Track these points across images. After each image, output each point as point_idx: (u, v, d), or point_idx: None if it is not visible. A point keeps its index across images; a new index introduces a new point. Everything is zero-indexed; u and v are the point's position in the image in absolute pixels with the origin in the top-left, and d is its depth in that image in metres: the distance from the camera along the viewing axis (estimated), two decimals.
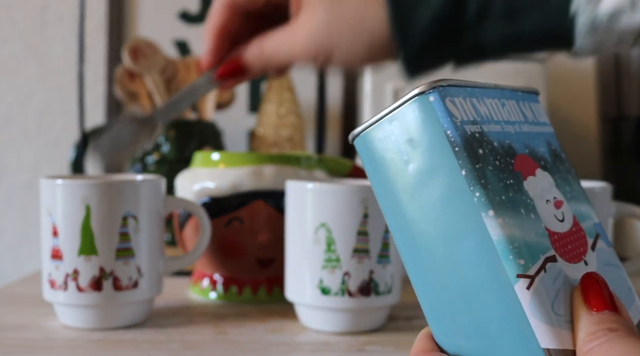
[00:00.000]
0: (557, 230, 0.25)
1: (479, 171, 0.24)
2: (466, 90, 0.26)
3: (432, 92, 0.25)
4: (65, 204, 0.45)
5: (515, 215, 0.24)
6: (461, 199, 0.24)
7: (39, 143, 0.92)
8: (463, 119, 0.25)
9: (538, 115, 0.29)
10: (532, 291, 0.23)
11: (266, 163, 0.54)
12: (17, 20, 0.91)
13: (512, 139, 0.26)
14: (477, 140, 0.25)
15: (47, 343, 0.43)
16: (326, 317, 0.46)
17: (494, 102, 0.27)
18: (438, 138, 0.25)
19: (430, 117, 0.25)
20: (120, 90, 0.78)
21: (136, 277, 0.46)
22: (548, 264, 0.24)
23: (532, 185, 0.26)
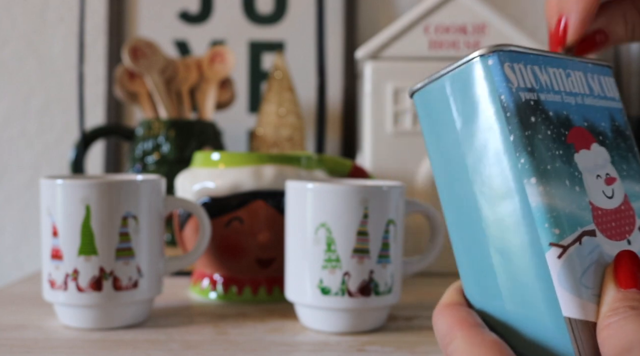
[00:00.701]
0: (603, 206, 0.26)
1: (527, 138, 0.25)
2: (529, 57, 0.26)
3: (491, 56, 0.26)
4: (65, 204, 0.45)
5: (559, 185, 0.25)
6: (507, 163, 0.25)
7: (39, 143, 0.92)
8: (519, 86, 0.25)
9: (607, 89, 0.29)
10: (563, 261, 0.24)
11: (266, 163, 0.54)
12: (17, 20, 0.91)
13: (571, 110, 0.27)
14: (530, 108, 0.25)
15: (47, 343, 0.43)
16: (326, 317, 0.46)
17: (558, 72, 0.27)
18: (492, 101, 0.25)
19: (487, 80, 0.26)
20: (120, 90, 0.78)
21: (136, 277, 0.46)
22: (584, 238, 0.24)
23: (584, 158, 0.26)
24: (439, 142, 0.27)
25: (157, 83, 0.76)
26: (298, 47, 0.89)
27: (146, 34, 0.88)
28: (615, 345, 0.22)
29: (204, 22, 0.90)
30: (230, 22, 0.90)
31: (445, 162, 0.27)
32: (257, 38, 0.90)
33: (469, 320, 0.25)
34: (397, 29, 0.67)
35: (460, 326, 0.25)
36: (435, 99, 0.27)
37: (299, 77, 0.86)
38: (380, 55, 0.67)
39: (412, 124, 0.67)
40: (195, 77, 0.79)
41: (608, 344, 0.22)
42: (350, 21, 0.89)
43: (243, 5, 0.90)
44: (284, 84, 0.79)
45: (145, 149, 0.73)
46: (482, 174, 0.26)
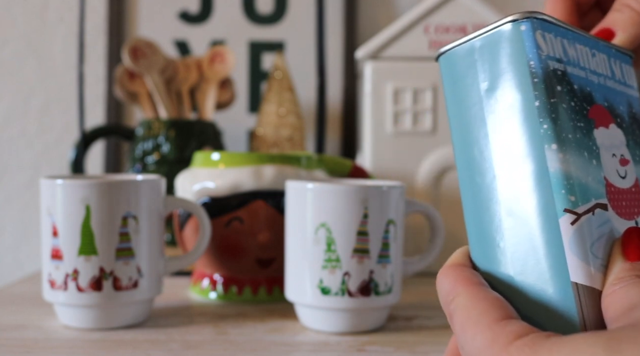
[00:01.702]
0: (616, 184, 0.26)
1: (552, 105, 0.25)
2: (559, 29, 0.27)
3: (525, 22, 0.26)
4: (65, 204, 0.45)
5: (578, 155, 0.25)
6: (529, 128, 0.25)
7: (38, 143, 0.92)
8: (549, 54, 0.26)
9: (627, 76, 0.30)
10: (576, 228, 0.24)
11: (266, 163, 0.54)
12: (17, 20, 0.91)
13: (593, 88, 0.27)
14: (557, 77, 0.26)
15: (47, 343, 0.43)
16: (326, 317, 0.46)
17: (584, 50, 0.28)
18: (520, 66, 0.26)
19: (518, 45, 0.26)
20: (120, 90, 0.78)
21: (136, 277, 0.46)
22: (597, 209, 0.25)
23: (602, 135, 0.27)
24: (460, 105, 0.28)
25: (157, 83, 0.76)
26: (298, 47, 0.89)
27: (146, 34, 0.88)
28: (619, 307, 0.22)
29: (204, 22, 0.90)
30: (230, 22, 0.90)
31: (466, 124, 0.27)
32: (257, 38, 0.90)
33: (473, 279, 0.25)
34: (397, 29, 0.67)
35: (464, 284, 0.25)
36: (462, 61, 0.28)
37: (299, 77, 0.86)
38: (380, 56, 0.67)
39: (412, 124, 0.67)
40: (195, 77, 0.79)
41: (612, 307, 0.23)
42: (350, 21, 0.89)
43: (243, 5, 0.90)
44: (284, 84, 0.79)
45: (145, 149, 0.73)
46: (502, 137, 0.26)
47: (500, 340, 0.22)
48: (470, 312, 0.24)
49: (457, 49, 0.28)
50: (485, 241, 0.27)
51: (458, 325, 0.24)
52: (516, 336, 0.22)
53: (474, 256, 0.27)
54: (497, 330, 0.22)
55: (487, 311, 0.23)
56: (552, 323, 0.24)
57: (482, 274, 0.26)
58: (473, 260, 0.27)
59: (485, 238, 0.27)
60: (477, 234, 0.27)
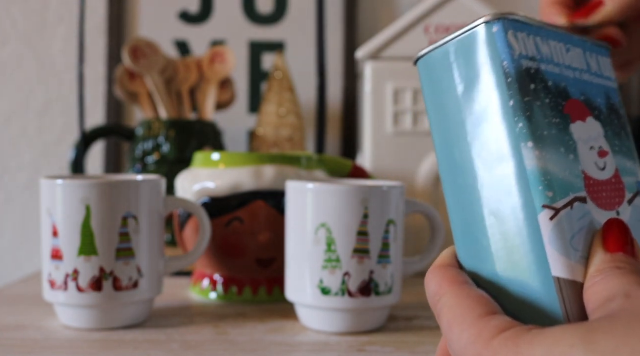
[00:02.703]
0: (594, 176, 0.27)
1: (526, 103, 0.26)
2: (532, 28, 0.27)
3: (496, 23, 0.26)
4: (65, 204, 0.45)
5: (554, 151, 0.25)
6: (506, 127, 0.26)
7: (38, 143, 0.92)
8: (521, 53, 0.26)
9: (603, 68, 0.30)
10: (554, 222, 0.24)
11: (266, 163, 0.54)
12: (17, 20, 0.91)
13: (568, 83, 0.28)
14: (531, 75, 0.26)
15: (47, 343, 0.43)
16: (326, 317, 0.45)
17: (558, 46, 0.28)
18: (494, 67, 0.26)
19: (490, 46, 0.26)
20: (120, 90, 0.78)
21: (136, 277, 0.46)
22: (576, 203, 0.25)
23: (579, 129, 0.27)
24: (439, 109, 0.28)
25: (157, 83, 0.76)
26: (298, 47, 0.89)
27: (146, 34, 0.88)
28: (599, 298, 0.23)
29: (204, 22, 0.90)
30: (230, 22, 0.90)
31: (445, 127, 0.28)
32: (257, 38, 0.90)
33: (458, 278, 0.26)
34: (397, 29, 0.67)
35: (449, 283, 0.26)
36: (439, 65, 0.28)
37: (299, 77, 0.86)
38: (380, 55, 0.67)
39: (412, 124, 0.67)
40: (195, 77, 0.79)
41: (592, 299, 0.23)
42: (350, 21, 0.89)
43: (243, 5, 0.90)
44: (284, 84, 0.79)
45: (145, 149, 0.73)
46: (480, 137, 0.26)
47: (484, 334, 0.23)
48: (455, 310, 0.24)
49: (433, 53, 0.28)
50: (469, 240, 0.27)
51: (445, 324, 0.25)
52: (499, 331, 0.22)
53: (460, 255, 0.28)
54: (481, 325, 0.23)
55: (471, 308, 0.24)
56: (536, 318, 0.24)
57: (468, 273, 0.27)
58: (459, 260, 0.28)
59: (470, 238, 0.27)
60: (462, 234, 0.28)
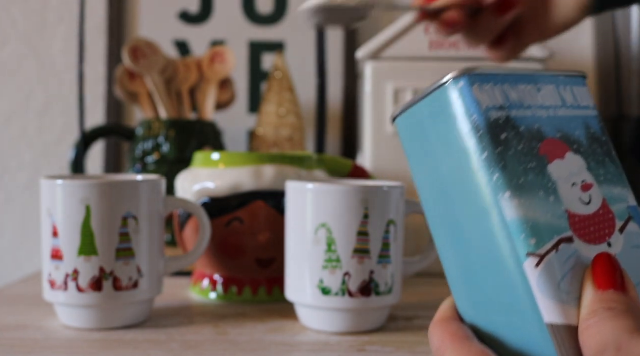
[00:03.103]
0: (580, 212, 0.27)
1: (499, 154, 0.26)
2: (498, 77, 0.28)
3: (461, 79, 0.27)
4: (65, 204, 0.45)
5: (533, 197, 0.26)
6: (483, 180, 0.26)
7: (38, 143, 0.92)
8: (489, 105, 0.27)
9: (580, 98, 0.30)
10: (541, 269, 0.25)
11: (266, 163, 0.54)
12: (17, 20, 0.91)
13: (543, 123, 0.28)
14: (501, 125, 0.27)
15: (46, 343, 0.43)
16: (326, 317, 0.45)
17: (528, 88, 0.29)
18: (464, 122, 0.27)
19: (458, 102, 0.27)
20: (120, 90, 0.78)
21: (136, 277, 0.46)
22: (561, 245, 0.26)
23: (558, 168, 0.27)
24: (421, 165, 0.29)
25: (157, 83, 0.76)
26: (298, 47, 0.89)
27: (146, 33, 0.88)
28: (592, 347, 0.23)
29: (203, 22, 0.90)
30: (230, 22, 0.90)
31: (429, 184, 0.29)
32: (257, 38, 0.90)
33: (459, 334, 0.27)
34: (397, 29, 0.67)
35: (451, 339, 0.26)
36: (413, 123, 0.29)
37: (299, 77, 0.86)
38: (380, 55, 0.67)
39: None
40: (195, 77, 0.79)
41: (587, 346, 0.23)
42: None
43: (243, 5, 0.90)
44: (284, 84, 0.79)
45: (145, 149, 0.73)
46: (462, 192, 0.27)
47: None
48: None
49: (407, 112, 0.29)
50: (467, 292, 0.28)
51: None
52: None
53: (459, 308, 0.28)
54: None
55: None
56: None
57: (468, 325, 0.28)
58: (459, 311, 0.28)
59: (467, 290, 0.28)
60: (459, 287, 0.28)
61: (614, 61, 0.80)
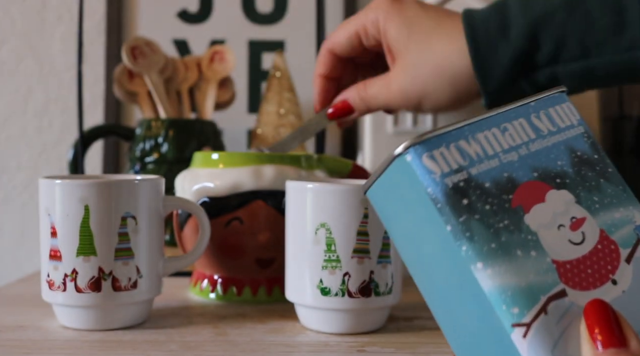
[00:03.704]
0: (571, 257, 0.25)
1: (464, 224, 0.24)
2: (450, 135, 0.26)
3: (408, 152, 0.25)
4: (64, 204, 0.44)
5: (509, 260, 0.24)
6: (451, 253, 0.24)
7: (37, 143, 0.92)
8: (444, 172, 0.25)
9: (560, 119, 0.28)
10: (529, 339, 0.23)
11: (266, 163, 0.53)
12: (16, 20, 0.91)
13: (514, 168, 0.26)
14: (461, 190, 0.25)
15: (45, 344, 0.43)
16: (326, 318, 0.45)
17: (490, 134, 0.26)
18: (420, 196, 0.25)
19: (410, 176, 0.25)
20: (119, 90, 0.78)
21: (135, 277, 0.46)
22: (551, 304, 0.23)
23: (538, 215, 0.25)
24: (393, 236, 0.28)
25: (157, 83, 0.76)
26: (298, 46, 0.89)
27: (145, 33, 0.88)
28: None
29: (203, 22, 0.90)
30: (230, 21, 0.90)
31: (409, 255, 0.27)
32: (256, 37, 0.90)
33: None
34: None
35: None
36: (380, 198, 0.28)
37: (299, 76, 0.85)
38: None
39: (412, 124, 0.66)
40: (194, 76, 0.79)
41: None
42: None
43: (242, 4, 0.90)
44: (283, 84, 0.79)
45: (144, 149, 0.73)
46: (439, 265, 0.25)
47: None
48: None
49: (372, 188, 0.28)
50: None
51: None
52: None
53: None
54: None
55: None
56: None
57: None
58: None
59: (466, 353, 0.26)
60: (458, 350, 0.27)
61: None
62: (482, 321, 0.24)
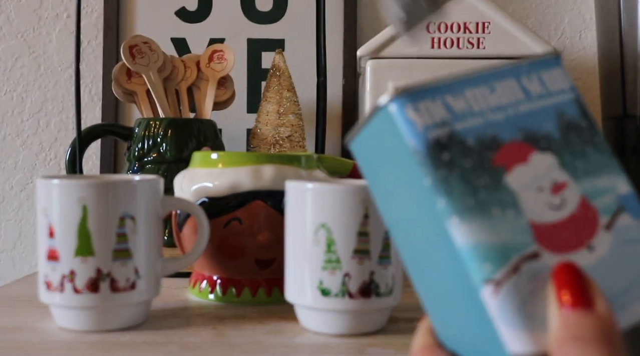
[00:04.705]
0: (548, 220, 0.25)
1: (443, 178, 0.24)
2: (437, 89, 0.25)
3: (392, 103, 0.25)
4: (61, 204, 0.44)
5: (485, 217, 0.24)
6: (428, 207, 0.24)
7: (34, 142, 0.91)
8: (427, 124, 0.25)
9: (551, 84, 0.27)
10: (499, 296, 0.23)
11: (265, 163, 0.53)
12: (13, 18, 0.91)
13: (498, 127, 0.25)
14: (443, 144, 0.24)
15: (43, 346, 0.42)
16: (326, 319, 0.45)
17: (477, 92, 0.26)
18: (401, 148, 0.25)
19: (393, 127, 0.25)
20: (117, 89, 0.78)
21: (134, 278, 0.45)
22: (524, 264, 0.23)
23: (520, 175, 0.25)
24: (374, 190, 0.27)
25: (155, 81, 0.76)
26: (298, 45, 0.89)
27: (144, 32, 0.88)
28: None
29: (202, 20, 0.89)
30: (229, 20, 0.89)
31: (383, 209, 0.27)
32: (256, 36, 0.89)
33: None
34: None
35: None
36: (363, 149, 0.27)
37: (299, 76, 0.85)
38: (381, 54, 0.66)
39: None
40: (193, 75, 0.79)
41: None
42: (350, 19, 0.89)
43: (242, 3, 0.89)
44: (283, 83, 0.78)
45: (143, 148, 0.73)
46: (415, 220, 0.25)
47: None
48: None
49: (355, 138, 0.28)
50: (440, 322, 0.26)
51: None
52: None
53: (437, 333, 0.27)
54: None
55: None
56: None
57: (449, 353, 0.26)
58: (438, 337, 0.27)
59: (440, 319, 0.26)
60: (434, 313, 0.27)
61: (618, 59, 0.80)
62: (453, 278, 0.24)
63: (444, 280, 0.25)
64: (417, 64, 0.66)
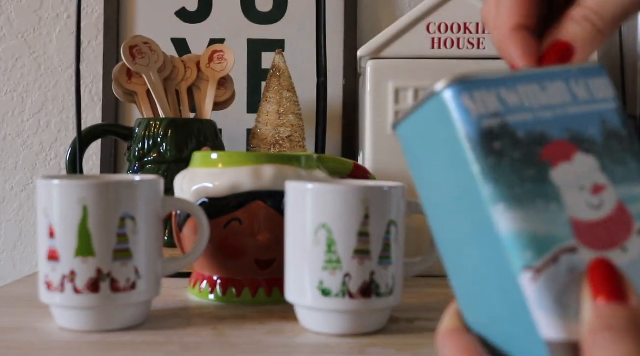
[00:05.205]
0: (587, 218, 0.26)
1: (492, 165, 0.25)
2: (492, 81, 0.26)
3: (448, 89, 0.26)
4: (61, 204, 0.44)
5: (529, 207, 0.25)
6: (475, 193, 0.25)
7: (34, 142, 0.91)
8: (480, 113, 0.26)
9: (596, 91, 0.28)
10: (537, 283, 0.24)
11: (265, 163, 0.53)
12: (13, 18, 0.91)
13: (547, 125, 0.27)
14: (494, 133, 0.25)
15: (43, 346, 0.42)
16: (326, 319, 0.45)
17: (530, 88, 0.27)
18: (453, 133, 0.26)
19: (446, 113, 0.26)
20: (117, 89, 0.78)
21: (134, 278, 0.45)
22: (563, 255, 0.24)
23: (564, 172, 0.26)
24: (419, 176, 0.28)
25: (155, 81, 0.75)
26: (298, 45, 0.89)
27: (144, 31, 0.88)
28: None
29: (202, 20, 0.89)
30: (229, 20, 0.89)
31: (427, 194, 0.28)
32: (256, 36, 0.89)
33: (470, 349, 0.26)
34: (398, 27, 0.66)
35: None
36: (410, 133, 0.28)
37: (299, 76, 0.85)
38: (381, 54, 0.66)
39: None
40: (193, 75, 0.79)
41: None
42: (350, 19, 0.89)
43: (242, 3, 0.89)
44: (283, 83, 0.78)
45: (143, 148, 0.73)
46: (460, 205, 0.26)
47: None
48: None
49: (404, 122, 0.28)
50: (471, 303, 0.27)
51: None
52: None
53: (465, 317, 0.28)
54: None
55: None
56: None
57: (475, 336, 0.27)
58: (466, 322, 0.28)
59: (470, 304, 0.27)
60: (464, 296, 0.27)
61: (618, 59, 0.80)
62: (491, 264, 0.25)
63: (480, 266, 0.26)
64: (417, 64, 0.66)
